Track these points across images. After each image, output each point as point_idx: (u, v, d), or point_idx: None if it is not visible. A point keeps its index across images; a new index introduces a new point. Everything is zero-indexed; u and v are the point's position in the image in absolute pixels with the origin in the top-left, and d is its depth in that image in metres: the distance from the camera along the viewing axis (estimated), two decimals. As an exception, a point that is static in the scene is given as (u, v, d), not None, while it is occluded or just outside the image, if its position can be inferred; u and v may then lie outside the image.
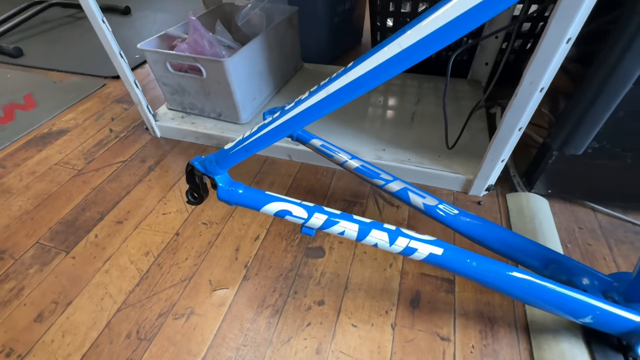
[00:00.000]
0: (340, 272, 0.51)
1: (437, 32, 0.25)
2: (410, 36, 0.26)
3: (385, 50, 0.27)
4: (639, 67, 0.40)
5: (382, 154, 0.65)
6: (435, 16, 0.24)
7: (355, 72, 0.29)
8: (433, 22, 0.25)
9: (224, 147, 0.35)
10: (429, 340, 0.43)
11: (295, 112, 0.32)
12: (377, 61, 0.28)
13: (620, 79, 0.42)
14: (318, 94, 0.31)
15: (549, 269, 0.43)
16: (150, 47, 0.71)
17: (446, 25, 0.24)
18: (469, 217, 0.45)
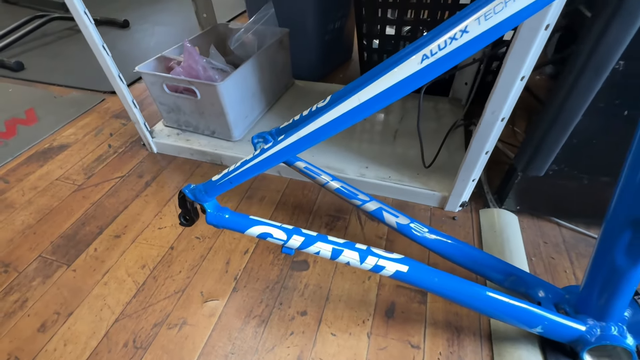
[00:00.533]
0: (322, 284, 0.55)
1: (387, 91, 0.29)
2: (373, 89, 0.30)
3: (350, 100, 0.31)
4: (585, 102, 0.45)
5: (365, 172, 0.70)
6: (381, 80, 0.29)
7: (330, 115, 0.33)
8: (384, 82, 0.29)
9: (212, 179, 0.39)
10: (401, 348, 0.47)
11: (271, 152, 0.36)
12: (344, 109, 0.32)
13: (570, 111, 0.46)
14: (296, 133, 0.35)
15: (509, 282, 0.48)
16: (147, 70, 0.75)
17: (396, 84, 0.29)
18: (437, 234, 0.49)
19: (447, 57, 0.27)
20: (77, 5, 0.60)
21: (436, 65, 0.27)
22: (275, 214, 0.67)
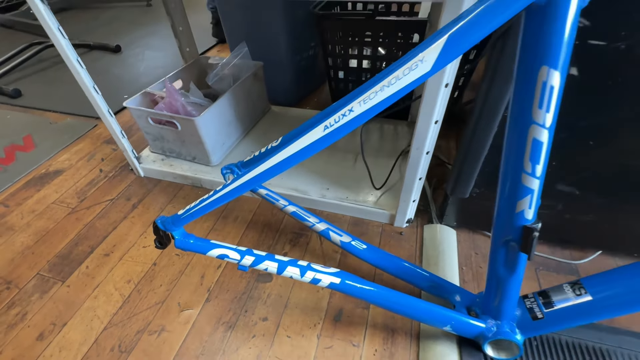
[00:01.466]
0: (282, 294, 0.64)
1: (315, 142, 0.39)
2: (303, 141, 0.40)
3: (296, 143, 0.41)
4: (487, 141, 0.55)
5: (326, 193, 0.79)
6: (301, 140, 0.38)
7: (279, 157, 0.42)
8: (306, 139, 0.39)
9: (178, 213, 0.48)
10: (344, 347, 0.56)
11: (228, 190, 0.45)
12: (285, 155, 0.41)
13: (478, 147, 0.56)
14: (251, 172, 0.44)
15: (433, 289, 0.57)
16: (133, 105, 0.85)
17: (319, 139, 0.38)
18: (374, 250, 0.58)
19: (342, 127, 0.36)
20: (69, 53, 0.70)
21: (335, 132, 0.37)
22: (246, 232, 0.77)
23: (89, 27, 2.08)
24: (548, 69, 0.32)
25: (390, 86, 0.34)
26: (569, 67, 0.47)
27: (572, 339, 0.54)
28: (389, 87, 0.34)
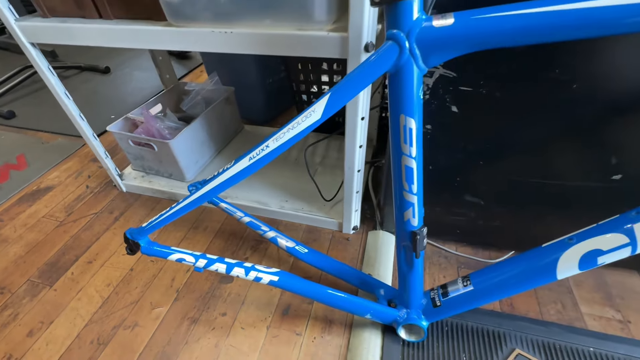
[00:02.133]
0: (241, 293, 0.75)
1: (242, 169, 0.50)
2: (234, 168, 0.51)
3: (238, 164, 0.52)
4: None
5: (285, 204, 0.90)
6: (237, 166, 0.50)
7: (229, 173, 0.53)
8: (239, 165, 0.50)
9: (142, 225, 0.59)
10: (289, 336, 0.67)
11: (185, 203, 0.56)
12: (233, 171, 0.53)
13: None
14: (202, 188, 0.55)
15: (363, 285, 0.68)
16: (116, 129, 0.96)
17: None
18: (314, 253, 0.70)
19: (262, 159, 0.48)
20: (58, 88, 0.81)
21: (257, 162, 0.48)
22: (214, 240, 0.87)
23: (81, 49, 2.20)
24: (405, 116, 0.44)
25: (294, 129, 0.46)
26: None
27: (475, 325, 0.66)
28: (293, 130, 0.46)
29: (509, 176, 0.64)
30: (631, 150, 0.56)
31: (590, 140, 0.56)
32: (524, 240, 0.76)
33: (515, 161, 0.62)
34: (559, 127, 0.56)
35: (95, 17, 0.67)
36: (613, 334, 0.64)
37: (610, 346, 0.62)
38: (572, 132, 0.56)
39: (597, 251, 0.46)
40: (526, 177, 0.63)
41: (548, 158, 0.60)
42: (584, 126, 0.55)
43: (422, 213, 0.52)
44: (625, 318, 0.67)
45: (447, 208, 0.74)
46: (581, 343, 0.62)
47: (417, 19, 0.38)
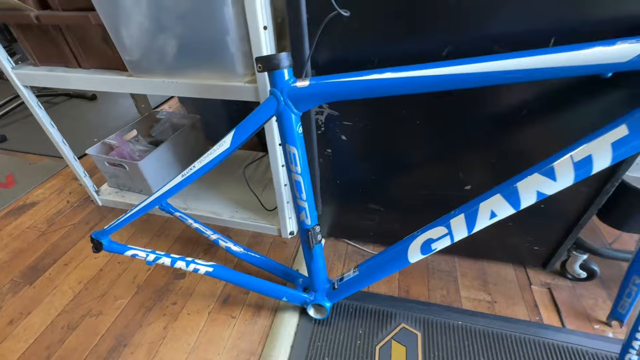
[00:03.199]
0: (190, 286, 0.90)
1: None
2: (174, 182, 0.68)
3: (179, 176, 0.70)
4: (307, 176, 0.85)
5: (235, 214, 1.07)
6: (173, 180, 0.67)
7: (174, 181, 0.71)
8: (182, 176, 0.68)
9: (105, 227, 0.75)
10: (225, 319, 0.82)
11: (139, 207, 0.73)
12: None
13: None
14: (148, 198, 0.72)
15: (287, 277, 0.84)
16: (94, 152, 1.13)
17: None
18: (248, 252, 0.86)
19: (191, 176, 0.66)
20: (45, 120, 0.98)
21: (187, 178, 0.66)
22: (174, 245, 1.03)
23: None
24: (289, 145, 0.62)
25: (212, 154, 0.64)
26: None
27: (373, 307, 0.82)
28: (211, 154, 0.64)
29: (396, 187, 0.83)
30: (473, 168, 0.75)
31: (446, 161, 0.75)
32: (423, 240, 0.93)
33: (397, 176, 0.81)
34: (421, 151, 0.75)
35: (76, 67, 0.86)
36: (481, 311, 0.81)
37: (475, 320, 0.79)
38: (433, 155, 0.75)
39: (430, 240, 0.64)
40: (409, 188, 0.82)
41: (421, 174, 0.79)
42: (439, 151, 0.74)
43: (315, 215, 0.69)
44: (493, 299, 0.84)
45: (358, 214, 0.92)
46: (453, 319, 0.79)
47: (287, 81, 0.58)
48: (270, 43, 0.66)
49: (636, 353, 0.62)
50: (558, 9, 0.53)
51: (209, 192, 1.16)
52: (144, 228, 1.10)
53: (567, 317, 0.79)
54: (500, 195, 0.57)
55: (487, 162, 0.73)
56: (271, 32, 0.65)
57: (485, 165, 0.73)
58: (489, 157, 0.72)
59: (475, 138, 0.70)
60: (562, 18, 0.54)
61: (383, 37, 0.61)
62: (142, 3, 0.67)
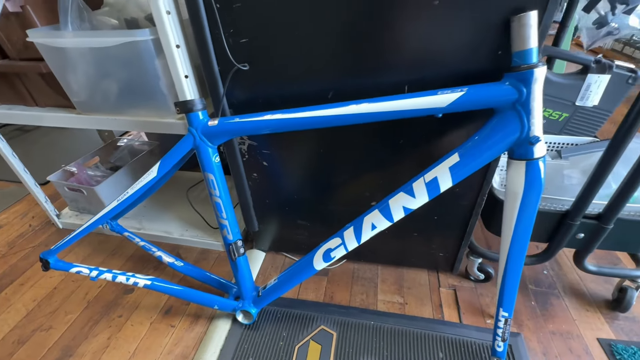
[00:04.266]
0: (137, 300, 0.99)
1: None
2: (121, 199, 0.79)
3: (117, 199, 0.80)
4: (244, 188, 0.97)
5: (185, 233, 1.17)
6: (111, 205, 0.78)
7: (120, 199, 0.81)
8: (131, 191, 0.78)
9: (52, 247, 0.85)
10: (165, 328, 0.91)
11: (83, 227, 0.83)
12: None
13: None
14: (94, 216, 0.82)
15: (221, 287, 0.94)
16: (55, 179, 1.22)
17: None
18: (187, 266, 0.96)
19: (125, 200, 0.76)
20: (5, 150, 1.08)
21: (123, 202, 0.77)
22: (126, 263, 1.12)
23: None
24: (207, 173, 0.74)
25: (142, 182, 0.75)
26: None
27: (298, 312, 0.92)
28: (141, 182, 0.75)
29: (317, 205, 0.95)
30: (374, 187, 0.88)
31: (353, 182, 0.88)
32: (349, 251, 1.05)
33: (315, 195, 0.93)
34: (332, 174, 0.88)
35: (33, 105, 0.97)
36: (392, 312, 0.93)
37: (385, 320, 0.90)
38: (342, 177, 0.88)
39: (330, 249, 0.76)
40: (327, 206, 0.94)
41: (335, 193, 0.92)
42: (346, 174, 0.87)
43: (236, 231, 0.81)
44: (405, 301, 0.96)
45: (290, 230, 1.04)
46: (366, 319, 0.90)
47: (201, 120, 0.70)
48: (193, 88, 0.79)
49: (501, 340, 0.75)
50: (410, 69, 0.68)
51: (162, 212, 1.26)
52: (100, 248, 1.18)
53: (465, 314, 0.91)
54: (378, 210, 0.70)
55: (383, 182, 0.86)
56: (192, 80, 0.78)
57: (382, 185, 0.87)
58: (383, 177, 0.85)
59: (371, 162, 0.84)
60: (411, 74, 0.68)
61: (281, 83, 0.74)
62: (86, 54, 0.79)
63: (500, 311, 0.72)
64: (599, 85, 0.97)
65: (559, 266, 1.04)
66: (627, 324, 0.87)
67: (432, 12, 0.60)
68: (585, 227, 0.79)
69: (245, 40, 0.69)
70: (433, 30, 0.62)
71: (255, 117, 0.67)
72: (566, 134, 1.07)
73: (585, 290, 0.97)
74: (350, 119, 0.63)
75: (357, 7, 0.62)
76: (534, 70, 0.54)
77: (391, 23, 0.63)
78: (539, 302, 0.94)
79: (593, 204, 0.78)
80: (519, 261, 0.67)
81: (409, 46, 0.65)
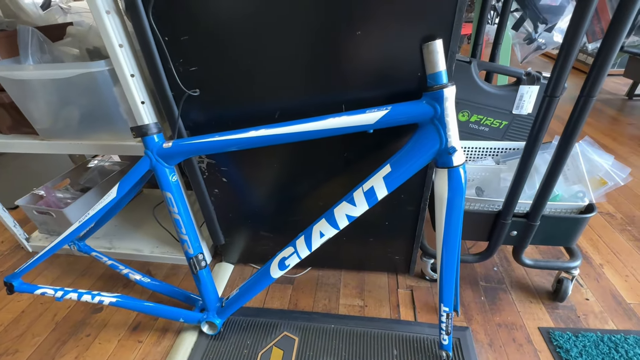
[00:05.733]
0: (106, 318, 1.01)
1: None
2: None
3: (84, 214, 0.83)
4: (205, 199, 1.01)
5: (155, 249, 1.20)
6: (74, 226, 0.82)
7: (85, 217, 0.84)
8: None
9: (16, 270, 0.87)
10: (132, 344, 0.94)
11: (49, 247, 0.86)
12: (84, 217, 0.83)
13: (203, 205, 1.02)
14: (58, 237, 0.85)
15: (188, 300, 0.98)
16: (24, 203, 1.24)
17: (78, 228, 0.81)
18: (154, 282, 0.99)
19: (88, 220, 0.80)
20: (-27, 178, 1.10)
21: (84, 224, 0.80)
22: (95, 283, 1.14)
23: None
24: (165, 191, 0.79)
25: (102, 203, 0.79)
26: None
27: (262, 320, 0.97)
28: (102, 203, 0.79)
29: (276, 217, 1.00)
30: (327, 198, 0.94)
31: (308, 193, 0.94)
32: (313, 260, 1.10)
33: (274, 208, 0.98)
34: (287, 187, 0.94)
35: (-2, 133, 1.00)
36: (352, 315, 0.98)
37: (345, 323, 0.95)
38: (297, 190, 0.94)
39: (284, 258, 0.81)
40: (286, 217, 1.00)
41: (292, 205, 0.97)
42: (300, 186, 0.93)
43: (197, 245, 0.85)
44: (365, 304, 1.01)
45: (255, 241, 1.08)
46: (327, 323, 0.95)
47: (157, 143, 0.75)
48: (150, 113, 0.84)
49: (445, 333, 0.81)
50: (345, 90, 0.75)
51: (132, 231, 1.29)
52: (70, 269, 1.20)
53: (420, 313, 0.97)
54: (325, 219, 0.76)
55: (334, 192, 0.92)
56: (149, 105, 0.83)
57: (334, 194, 0.93)
58: (334, 188, 0.92)
59: (322, 174, 0.90)
60: (347, 94, 0.75)
61: (231, 106, 0.80)
62: (47, 85, 0.84)
63: (442, 307, 0.78)
64: (531, 95, 1.08)
65: (507, 262, 1.12)
66: (565, 312, 0.95)
67: (357, 41, 0.68)
68: (517, 225, 0.87)
69: (194, 69, 0.75)
70: (360, 56, 0.70)
71: (207, 139, 0.72)
72: (507, 140, 1.17)
73: (530, 284, 1.04)
74: (293, 137, 0.70)
75: (295, 40, 0.70)
76: (444, 90, 0.62)
77: (325, 52, 0.70)
78: (488, 297, 1.01)
79: (522, 204, 0.86)
80: (452, 259, 0.74)
81: (342, 70, 0.72)
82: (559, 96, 0.67)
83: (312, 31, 0.68)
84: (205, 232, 1.13)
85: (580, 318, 0.93)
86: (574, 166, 0.90)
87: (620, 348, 0.84)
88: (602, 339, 0.87)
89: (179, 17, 0.70)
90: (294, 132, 0.69)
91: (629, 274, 1.06)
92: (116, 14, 0.71)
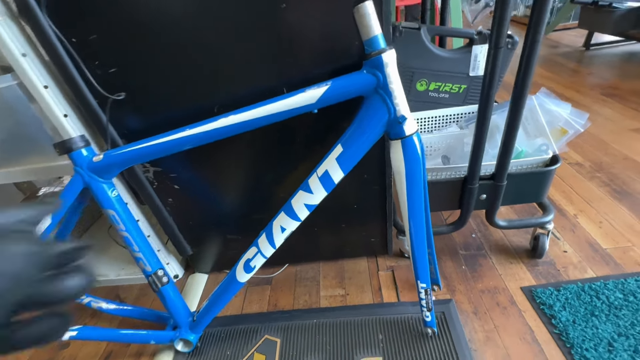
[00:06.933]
0: (74, 353, 0.94)
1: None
2: None
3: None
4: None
5: (121, 272, 1.13)
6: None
7: None
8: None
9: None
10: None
11: None
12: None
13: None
14: None
15: (159, 320, 0.92)
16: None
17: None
18: (121, 305, 0.92)
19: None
20: None
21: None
22: (61, 317, 1.06)
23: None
24: (106, 209, 0.72)
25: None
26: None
27: (241, 326, 0.92)
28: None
29: (240, 218, 0.95)
30: (289, 188, 0.89)
31: (268, 190, 0.89)
32: (289, 257, 1.06)
33: (235, 209, 0.93)
34: (244, 186, 0.88)
35: None
36: (334, 306, 0.94)
37: (327, 315, 0.91)
38: (256, 188, 0.89)
39: (249, 259, 0.75)
40: (250, 216, 0.94)
41: (255, 204, 0.92)
42: (258, 183, 0.88)
43: (155, 261, 0.78)
44: (346, 292, 0.98)
45: (224, 246, 1.03)
46: (309, 319, 0.91)
47: (86, 157, 0.68)
48: (77, 126, 0.76)
49: (427, 310, 0.78)
50: (283, 72, 0.69)
51: (95, 257, 1.21)
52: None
53: (402, 292, 0.95)
54: (284, 212, 0.71)
55: (293, 183, 0.86)
56: (74, 118, 0.75)
57: (295, 186, 0.87)
58: (292, 178, 0.87)
59: (276, 165, 0.85)
60: (285, 76, 0.70)
61: (165, 106, 0.73)
62: (-46, 111, 0.75)
63: (419, 284, 0.75)
64: (484, 55, 1.05)
65: (485, 227, 1.11)
66: (545, 268, 0.94)
67: (284, 14, 0.62)
68: (485, 188, 0.84)
69: (114, 70, 0.68)
70: (291, 31, 0.64)
71: (139, 145, 0.66)
72: (468, 104, 1.15)
73: (509, 245, 1.03)
74: (234, 129, 0.64)
75: (217, 25, 0.63)
76: (382, 55, 0.57)
77: (251, 33, 0.64)
78: (468, 265, 0.99)
79: (488, 166, 0.84)
80: (420, 233, 0.70)
81: (274, 51, 0.67)
82: (502, 47, 0.63)
83: (230, 11, 0.62)
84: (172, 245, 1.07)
85: (560, 271, 0.93)
86: (534, 120, 0.88)
87: (601, 295, 0.84)
88: (583, 288, 0.86)
89: (80, 14, 0.62)
90: (234, 124, 0.63)
91: (603, 219, 1.06)
92: (10, 19, 0.63)
